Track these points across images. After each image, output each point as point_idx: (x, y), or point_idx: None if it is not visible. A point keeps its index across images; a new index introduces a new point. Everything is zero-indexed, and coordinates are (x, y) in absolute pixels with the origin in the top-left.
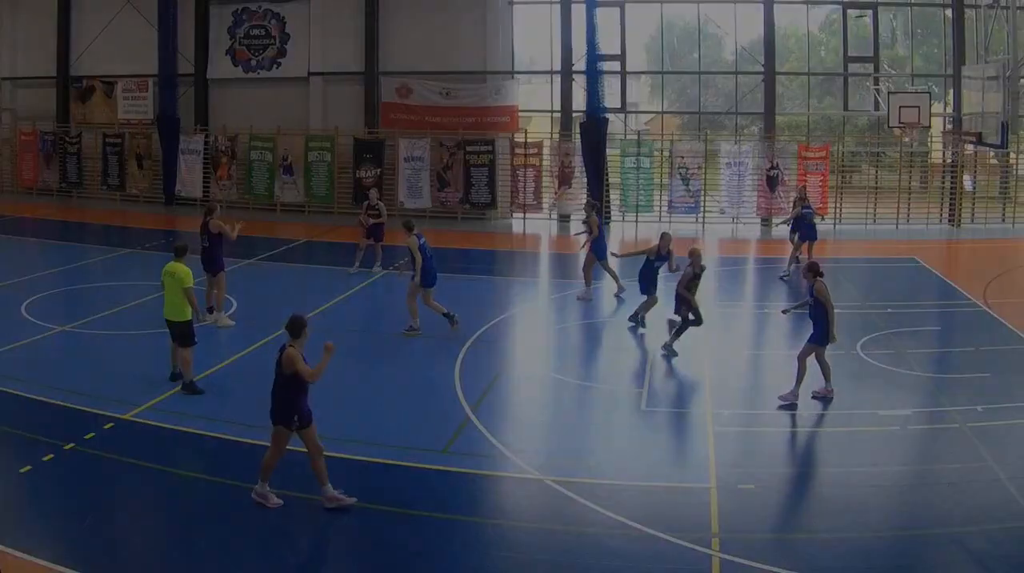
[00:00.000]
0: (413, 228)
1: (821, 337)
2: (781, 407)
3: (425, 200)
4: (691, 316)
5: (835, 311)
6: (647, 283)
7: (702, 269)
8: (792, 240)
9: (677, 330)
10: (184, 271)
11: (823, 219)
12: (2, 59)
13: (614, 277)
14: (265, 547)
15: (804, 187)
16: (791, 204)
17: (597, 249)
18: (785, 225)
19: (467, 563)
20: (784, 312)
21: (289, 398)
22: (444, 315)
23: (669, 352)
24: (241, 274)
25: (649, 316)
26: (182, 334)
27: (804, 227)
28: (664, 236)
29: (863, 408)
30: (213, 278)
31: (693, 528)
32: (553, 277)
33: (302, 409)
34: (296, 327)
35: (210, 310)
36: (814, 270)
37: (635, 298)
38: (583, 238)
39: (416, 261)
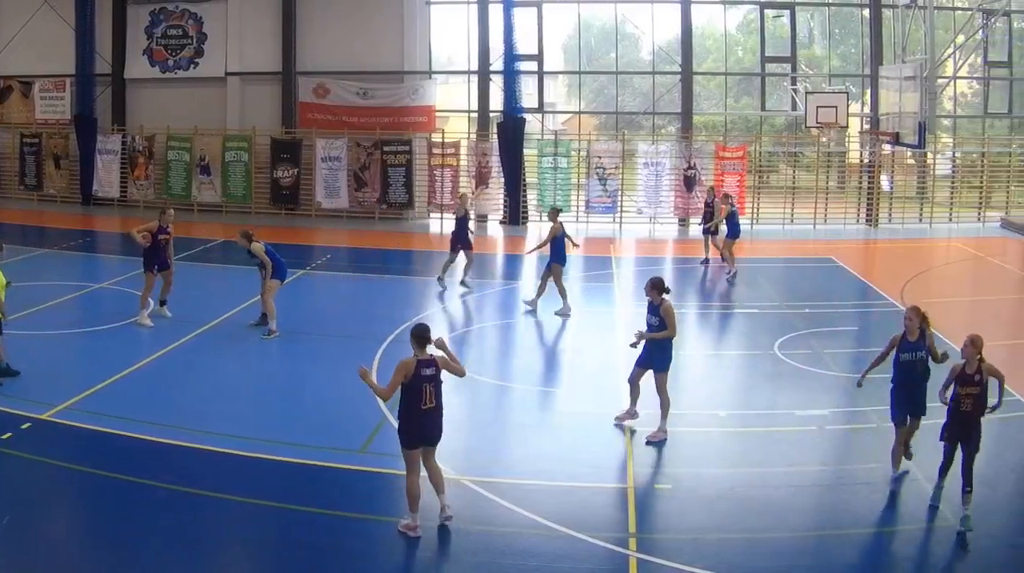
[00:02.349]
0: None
1: (666, 363)
2: (649, 444)
3: (342, 200)
4: None
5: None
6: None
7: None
8: (716, 240)
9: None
10: None
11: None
12: None
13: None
14: (180, 548)
15: (714, 187)
16: (709, 204)
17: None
18: (719, 225)
19: (386, 563)
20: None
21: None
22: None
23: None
24: None
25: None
26: None
27: (733, 225)
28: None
29: (781, 408)
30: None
31: (611, 528)
32: (469, 277)
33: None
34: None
35: (162, 302)
36: (660, 288)
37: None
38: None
39: (267, 265)
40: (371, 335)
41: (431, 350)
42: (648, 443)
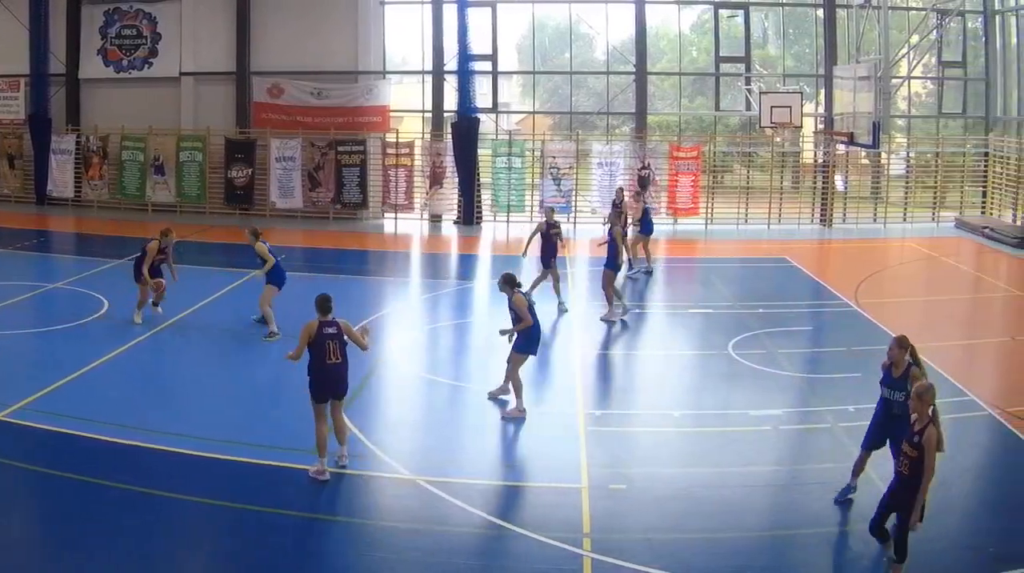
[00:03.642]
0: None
1: (522, 346)
2: (504, 419)
3: (297, 200)
4: None
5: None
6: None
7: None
8: (627, 239)
9: None
10: None
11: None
12: None
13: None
14: (136, 547)
15: (622, 189)
16: (618, 205)
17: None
18: (635, 224)
19: (340, 563)
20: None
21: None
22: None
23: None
24: (113, 274)
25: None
26: None
27: (647, 222)
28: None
29: (735, 408)
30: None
31: (565, 528)
32: (424, 277)
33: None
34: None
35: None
36: (511, 283)
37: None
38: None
39: (268, 264)
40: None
41: (332, 316)
42: (503, 419)
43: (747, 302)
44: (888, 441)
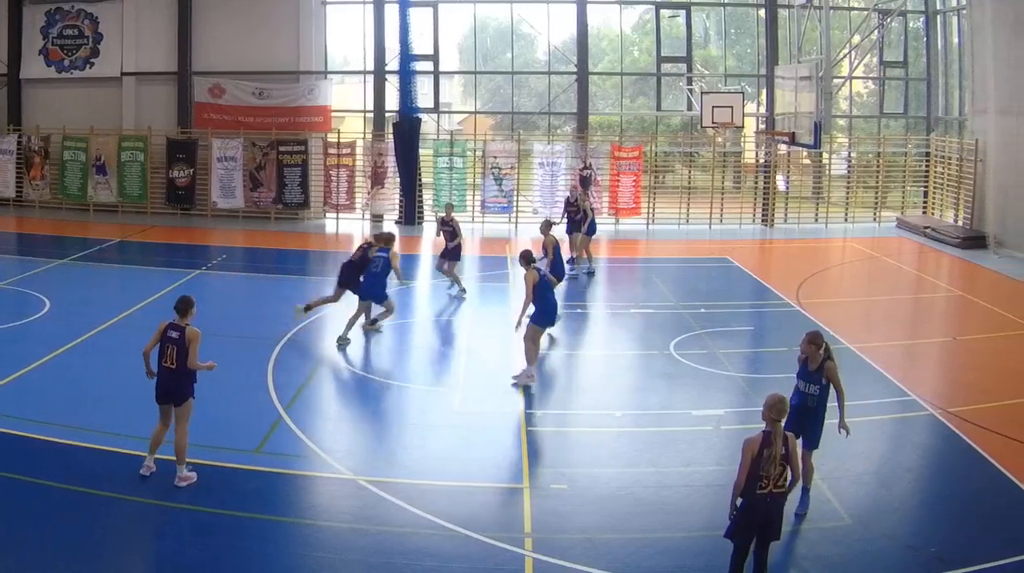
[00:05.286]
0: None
1: (539, 318)
2: (514, 383)
3: (238, 200)
4: None
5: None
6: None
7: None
8: (573, 238)
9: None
10: None
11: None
12: None
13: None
14: (77, 549)
15: (576, 187)
16: (573, 203)
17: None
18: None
19: (280, 563)
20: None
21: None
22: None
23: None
24: (55, 274)
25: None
26: None
27: (591, 222)
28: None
29: (676, 408)
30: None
31: (507, 528)
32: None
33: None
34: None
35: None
36: (527, 258)
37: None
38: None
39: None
40: (266, 335)
41: (188, 322)
42: (514, 383)
43: (689, 302)
44: (801, 436)
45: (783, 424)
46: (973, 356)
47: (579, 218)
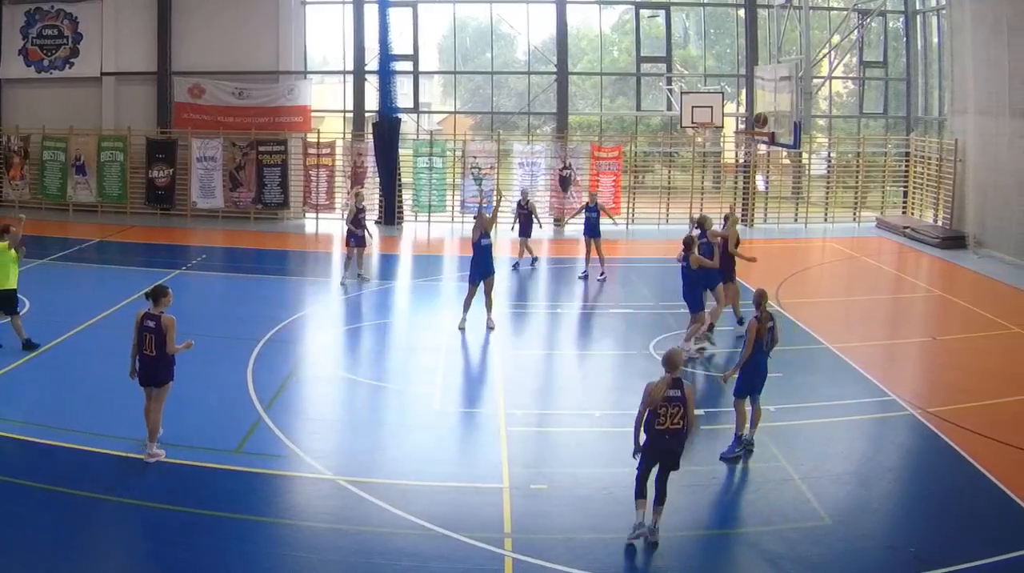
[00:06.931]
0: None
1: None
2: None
3: (218, 200)
4: None
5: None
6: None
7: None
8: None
9: None
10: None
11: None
12: None
13: None
14: (57, 549)
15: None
16: (526, 205)
17: None
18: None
19: (260, 563)
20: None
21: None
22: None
23: None
24: (34, 274)
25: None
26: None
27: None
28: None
29: None
30: None
31: (486, 528)
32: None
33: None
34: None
35: None
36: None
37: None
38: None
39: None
40: (246, 335)
41: (163, 310)
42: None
43: (668, 302)
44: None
45: (678, 373)
46: (953, 356)
47: (528, 222)
